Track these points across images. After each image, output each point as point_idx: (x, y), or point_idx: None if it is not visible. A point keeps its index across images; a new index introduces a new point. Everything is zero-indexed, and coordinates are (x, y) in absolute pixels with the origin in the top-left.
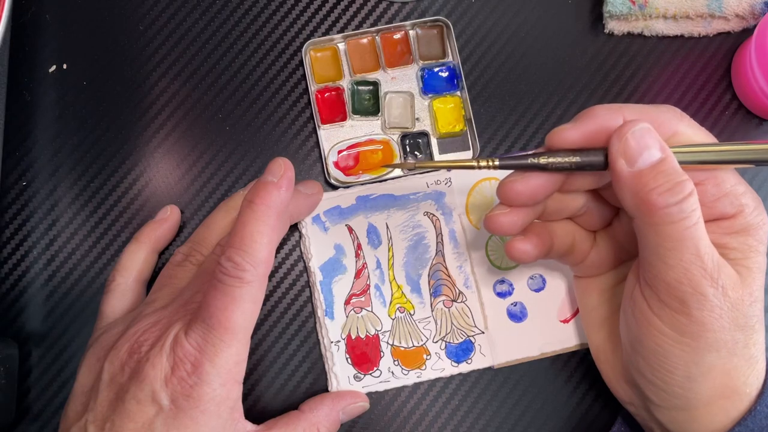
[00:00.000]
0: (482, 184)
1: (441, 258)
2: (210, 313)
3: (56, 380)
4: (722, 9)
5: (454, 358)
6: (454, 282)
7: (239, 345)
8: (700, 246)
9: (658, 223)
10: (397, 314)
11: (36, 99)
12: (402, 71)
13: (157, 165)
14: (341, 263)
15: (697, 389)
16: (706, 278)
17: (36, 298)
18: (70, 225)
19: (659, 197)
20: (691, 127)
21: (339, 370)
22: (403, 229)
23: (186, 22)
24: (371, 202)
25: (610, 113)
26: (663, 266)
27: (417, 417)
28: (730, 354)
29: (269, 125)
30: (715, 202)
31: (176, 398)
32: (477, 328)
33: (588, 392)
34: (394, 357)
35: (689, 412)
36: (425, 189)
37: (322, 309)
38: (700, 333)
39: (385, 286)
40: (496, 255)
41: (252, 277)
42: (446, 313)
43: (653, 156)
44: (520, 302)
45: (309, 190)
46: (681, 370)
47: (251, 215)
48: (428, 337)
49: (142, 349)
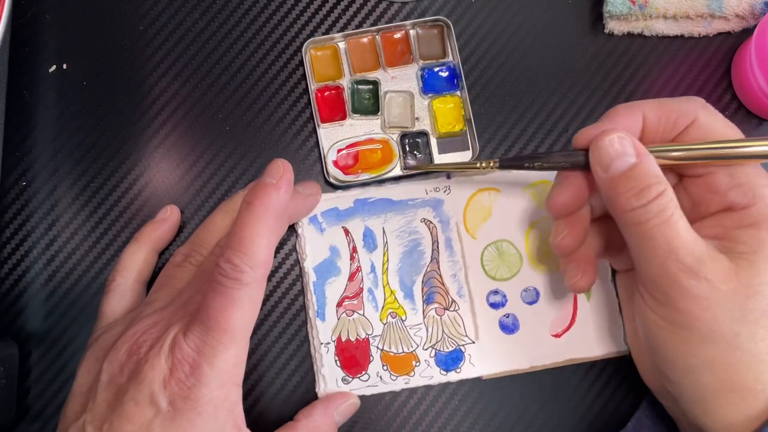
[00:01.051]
0: (480, 195)
1: (436, 265)
2: (208, 314)
3: (56, 380)
4: (722, 9)
5: (443, 367)
6: (447, 290)
7: (238, 347)
8: (674, 242)
9: (628, 224)
10: (388, 319)
11: (36, 99)
12: (402, 71)
13: (157, 165)
14: (336, 265)
15: (702, 381)
16: (684, 272)
17: (36, 298)
18: (70, 225)
19: (626, 201)
20: (711, 115)
21: (327, 372)
22: (400, 234)
23: (186, 22)
24: (369, 206)
25: (628, 111)
26: (643, 263)
27: (416, 418)
28: (731, 347)
29: (269, 125)
30: (728, 191)
31: (174, 400)
32: (468, 337)
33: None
34: (384, 362)
35: (700, 405)
36: (424, 196)
37: (314, 310)
38: (690, 323)
39: (379, 290)
40: (491, 265)
41: (250, 278)
42: (438, 321)
43: (626, 163)
44: (513, 314)
45: (307, 190)
46: (681, 360)
47: (250, 217)
48: (418, 344)
49: (141, 350)
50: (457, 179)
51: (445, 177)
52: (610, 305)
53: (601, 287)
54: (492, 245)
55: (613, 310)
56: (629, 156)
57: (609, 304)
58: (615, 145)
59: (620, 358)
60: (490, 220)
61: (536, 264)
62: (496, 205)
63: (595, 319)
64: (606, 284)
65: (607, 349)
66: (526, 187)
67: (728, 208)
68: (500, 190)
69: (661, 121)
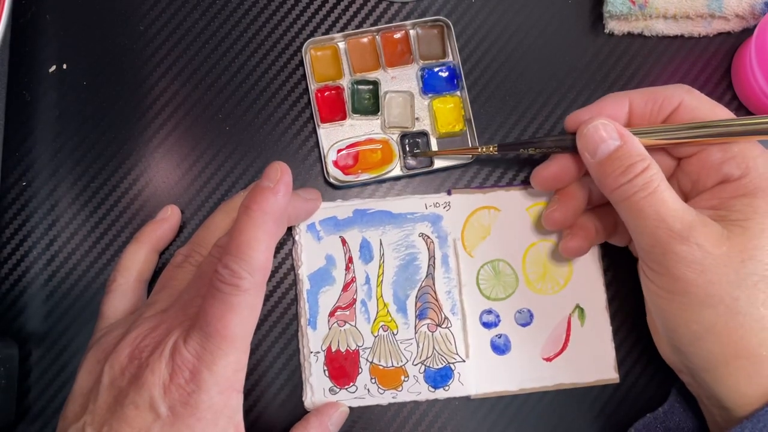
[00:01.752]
0: (480, 212)
1: (431, 281)
2: (207, 321)
3: (56, 380)
4: (722, 9)
5: (432, 383)
6: (440, 307)
7: (238, 353)
8: (661, 210)
9: (617, 201)
10: (380, 332)
11: (36, 99)
12: (402, 71)
13: (157, 165)
14: (330, 274)
15: (707, 347)
16: (674, 238)
17: (36, 298)
18: (70, 225)
19: (614, 180)
20: (696, 98)
21: (315, 381)
22: (397, 247)
23: (186, 22)
24: (368, 217)
25: (616, 99)
26: (637, 236)
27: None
28: (731, 312)
29: (269, 125)
30: (721, 165)
31: (174, 405)
32: (458, 355)
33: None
34: (372, 375)
35: (710, 373)
36: (423, 210)
37: (306, 318)
38: (686, 288)
39: (372, 302)
40: (486, 284)
41: (249, 284)
42: (429, 337)
43: (610, 146)
44: (505, 335)
45: (308, 195)
46: (683, 328)
47: (248, 221)
48: (408, 359)
49: (142, 354)
50: (457, 196)
51: (445, 193)
52: (603, 332)
53: (595, 314)
54: (489, 264)
55: (606, 337)
56: (614, 140)
57: (602, 331)
58: (600, 132)
59: (613, 387)
60: (489, 239)
61: (532, 286)
62: (495, 224)
63: (587, 345)
64: (600, 311)
65: (597, 376)
66: (528, 207)
67: (724, 181)
68: (500, 210)
69: (647, 106)
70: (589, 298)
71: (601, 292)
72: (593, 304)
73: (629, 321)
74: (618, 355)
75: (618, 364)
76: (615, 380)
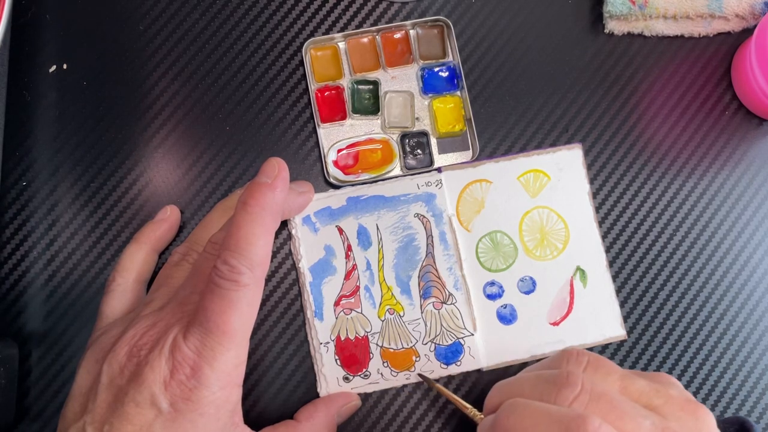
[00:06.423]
0: (472, 186)
1: (431, 260)
2: (207, 317)
3: (56, 380)
4: (722, 9)
5: (444, 360)
6: (443, 284)
7: (238, 348)
8: None
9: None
10: (386, 316)
11: (36, 99)
12: (402, 71)
13: (157, 165)
14: (331, 264)
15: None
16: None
17: (36, 298)
18: (70, 225)
19: None
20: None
21: (328, 372)
22: (394, 230)
23: (186, 22)
24: (362, 204)
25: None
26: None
27: (421, 411)
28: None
29: (269, 125)
30: None
31: (175, 402)
32: (466, 330)
33: None
34: (384, 358)
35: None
36: (416, 191)
37: (312, 310)
38: None
39: (375, 287)
40: (486, 257)
41: (248, 279)
42: (436, 315)
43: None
44: (510, 304)
45: (301, 188)
46: None
47: (246, 217)
48: (418, 339)
49: (141, 352)
50: (448, 172)
51: (436, 171)
52: (606, 291)
53: (597, 273)
54: (486, 237)
55: (610, 295)
56: None
57: (605, 290)
58: None
59: (619, 344)
60: (484, 212)
61: (531, 253)
62: (488, 196)
63: (592, 305)
64: (601, 270)
65: (605, 335)
66: (519, 176)
67: None
68: (492, 182)
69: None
70: (589, 258)
71: (600, 251)
72: (594, 264)
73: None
74: (623, 311)
75: (624, 320)
76: (623, 337)
